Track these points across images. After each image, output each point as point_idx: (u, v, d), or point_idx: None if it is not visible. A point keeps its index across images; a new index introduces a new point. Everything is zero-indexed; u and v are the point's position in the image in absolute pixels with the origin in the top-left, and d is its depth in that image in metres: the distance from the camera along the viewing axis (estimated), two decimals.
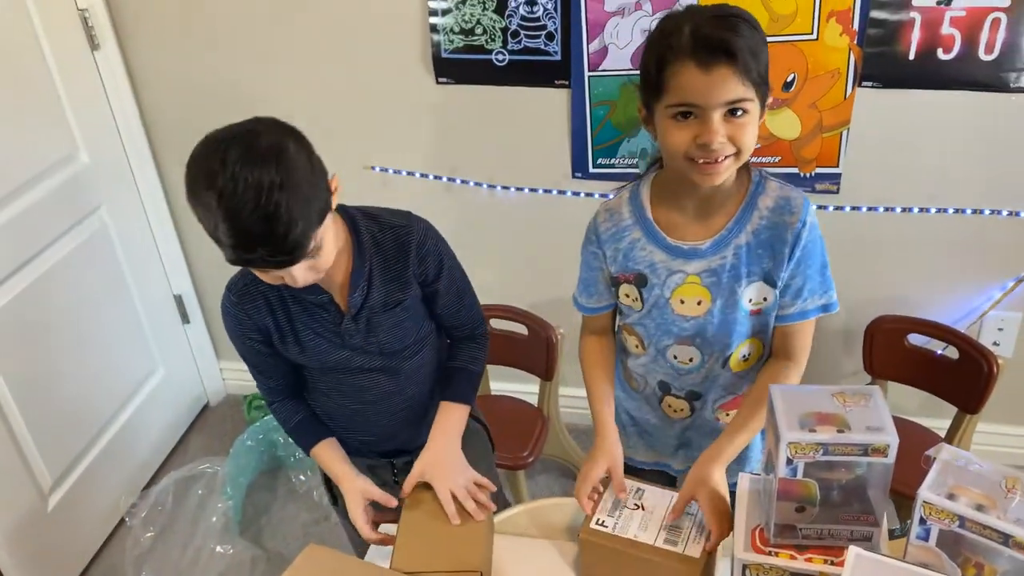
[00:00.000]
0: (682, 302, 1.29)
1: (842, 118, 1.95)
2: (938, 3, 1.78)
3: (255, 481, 2.46)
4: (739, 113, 1.11)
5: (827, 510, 1.06)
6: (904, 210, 2.04)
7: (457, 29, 2.03)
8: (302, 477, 2.44)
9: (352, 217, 1.28)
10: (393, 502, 1.32)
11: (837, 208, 2.07)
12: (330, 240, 1.16)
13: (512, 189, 2.24)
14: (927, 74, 1.86)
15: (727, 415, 1.41)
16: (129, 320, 2.44)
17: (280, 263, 1.09)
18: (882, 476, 1.03)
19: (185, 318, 2.69)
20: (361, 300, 1.28)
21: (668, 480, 1.52)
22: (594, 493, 1.27)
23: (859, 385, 1.08)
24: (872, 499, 1.06)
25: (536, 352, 2.07)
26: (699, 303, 1.28)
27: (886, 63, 1.86)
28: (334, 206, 1.17)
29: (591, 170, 2.15)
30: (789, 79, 1.93)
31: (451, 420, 1.37)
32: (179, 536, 2.24)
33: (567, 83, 2.04)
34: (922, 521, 0.99)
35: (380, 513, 1.36)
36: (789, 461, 1.02)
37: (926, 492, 0.98)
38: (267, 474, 2.50)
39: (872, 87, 1.90)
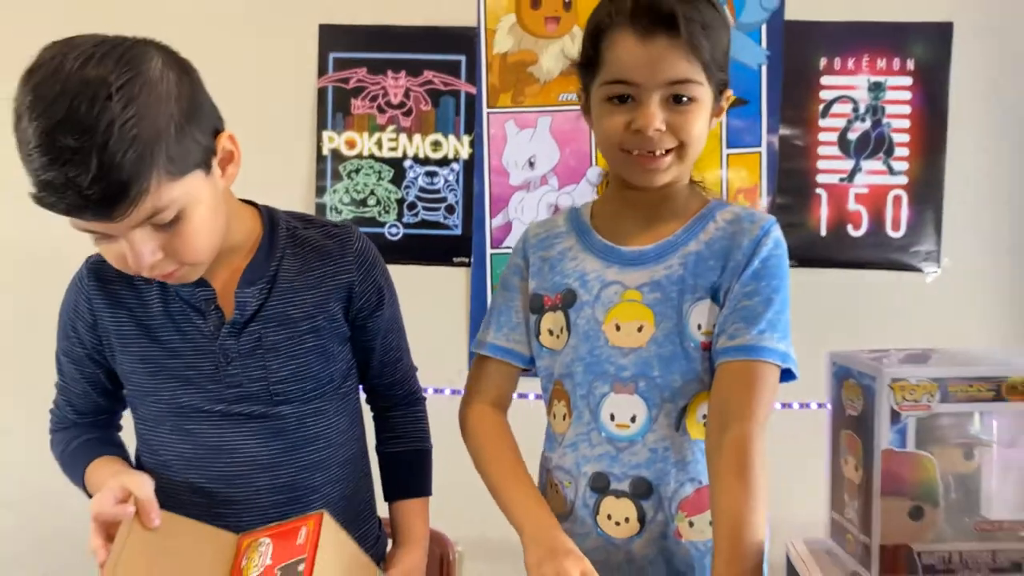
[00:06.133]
0: (618, 328, 0.99)
1: None
2: (840, 180, 1.80)
3: None
4: (684, 100, 0.94)
5: (953, 514, 0.68)
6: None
7: (348, 200, 1.86)
8: None
9: (271, 211, 1.00)
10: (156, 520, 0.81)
11: None
12: (201, 212, 0.83)
13: None
14: (839, 251, 1.82)
15: (691, 524, 0.97)
16: None
17: (95, 206, 0.75)
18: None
19: None
20: (256, 304, 0.92)
21: None
22: None
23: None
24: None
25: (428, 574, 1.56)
26: (640, 329, 0.98)
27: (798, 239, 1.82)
28: (220, 173, 0.86)
29: None
30: None
31: (420, 522, 1.12)
32: None
33: (467, 261, 1.86)
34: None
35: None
36: (895, 416, 0.67)
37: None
38: None
39: None
